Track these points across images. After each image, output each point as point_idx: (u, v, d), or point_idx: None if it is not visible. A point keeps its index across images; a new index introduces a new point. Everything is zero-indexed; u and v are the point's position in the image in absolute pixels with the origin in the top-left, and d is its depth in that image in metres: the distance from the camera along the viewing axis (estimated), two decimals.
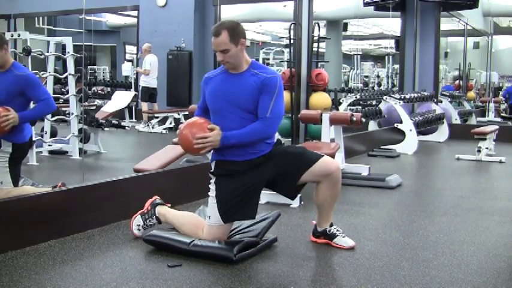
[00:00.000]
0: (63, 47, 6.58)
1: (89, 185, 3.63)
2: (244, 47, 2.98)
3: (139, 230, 3.28)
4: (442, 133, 9.21)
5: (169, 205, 3.39)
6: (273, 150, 3.04)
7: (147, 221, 3.28)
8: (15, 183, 3.65)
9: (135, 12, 11.38)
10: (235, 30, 2.92)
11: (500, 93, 14.46)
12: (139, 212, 3.32)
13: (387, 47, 13.89)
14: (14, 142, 3.59)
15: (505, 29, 15.62)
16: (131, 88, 11.36)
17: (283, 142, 3.21)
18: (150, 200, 3.36)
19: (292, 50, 6.44)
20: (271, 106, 2.92)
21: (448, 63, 15.03)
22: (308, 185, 3.15)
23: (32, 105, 3.92)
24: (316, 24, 6.66)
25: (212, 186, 3.03)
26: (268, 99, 2.92)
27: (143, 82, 10.02)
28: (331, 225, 3.22)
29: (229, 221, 3.01)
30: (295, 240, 3.33)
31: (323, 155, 3.09)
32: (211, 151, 3.05)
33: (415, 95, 8.97)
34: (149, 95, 10.02)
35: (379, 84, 14.37)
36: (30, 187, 3.80)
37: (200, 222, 3.13)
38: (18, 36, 6.38)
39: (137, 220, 3.29)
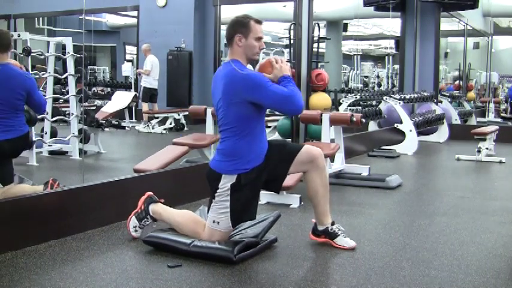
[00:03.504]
0: (63, 47, 6.58)
1: (89, 185, 3.63)
2: None
3: (136, 231, 3.28)
4: (442, 133, 9.21)
5: (163, 201, 3.35)
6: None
7: (142, 222, 3.27)
8: (4, 182, 3.63)
9: (135, 13, 11.37)
10: None
11: (501, 93, 14.46)
12: (133, 212, 3.30)
13: (387, 47, 13.91)
14: None
15: (505, 30, 15.64)
16: (131, 88, 11.36)
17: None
18: (142, 198, 3.32)
19: (292, 51, 6.43)
20: None
21: (448, 64, 15.04)
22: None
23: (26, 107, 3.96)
24: (316, 25, 6.65)
25: (224, 196, 2.96)
26: None
27: (145, 82, 10.03)
28: (333, 223, 3.20)
29: (236, 225, 3.03)
30: (295, 241, 3.33)
31: (304, 144, 3.29)
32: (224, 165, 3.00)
33: (415, 95, 8.97)
34: (150, 95, 10.03)
35: (379, 85, 14.38)
36: (26, 185, 3.77)
37: (199, 221, 3.13)
38: (18, 36, 6.38)
39: (132, 221, 3.28)
